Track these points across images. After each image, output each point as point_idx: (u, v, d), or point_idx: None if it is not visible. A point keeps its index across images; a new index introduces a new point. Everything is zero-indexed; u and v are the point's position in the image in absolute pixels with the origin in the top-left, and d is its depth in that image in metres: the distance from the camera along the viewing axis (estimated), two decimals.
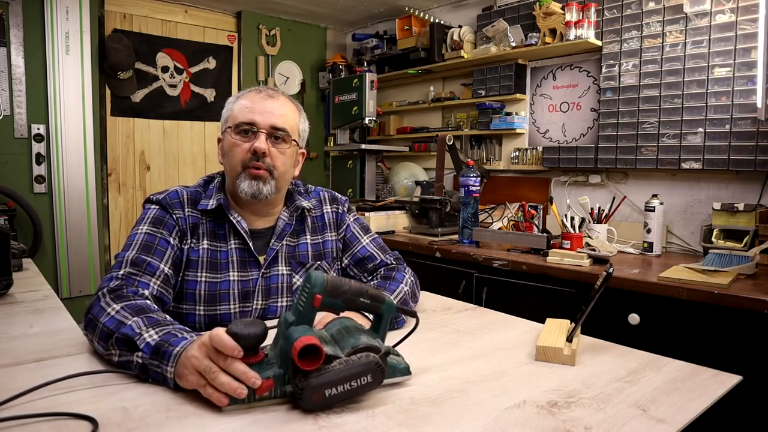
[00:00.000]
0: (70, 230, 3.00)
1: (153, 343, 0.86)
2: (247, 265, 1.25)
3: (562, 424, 0.76)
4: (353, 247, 1.39)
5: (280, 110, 1.23)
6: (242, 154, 1.20)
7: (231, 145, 1.21)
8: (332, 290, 0.83)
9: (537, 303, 2.09)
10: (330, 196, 1.42)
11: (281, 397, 0.80)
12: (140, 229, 1.17)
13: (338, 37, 4.14)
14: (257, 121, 1.20)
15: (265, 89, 1.27)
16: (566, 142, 2.77)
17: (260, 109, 1.21)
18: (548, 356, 1.01)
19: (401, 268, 1.38)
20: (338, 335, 0.86)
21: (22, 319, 1.26)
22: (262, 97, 1.23)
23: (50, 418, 0.74)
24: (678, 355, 1.06)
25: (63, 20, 2.91)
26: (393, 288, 1.27)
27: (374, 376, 0.80)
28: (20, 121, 2.85)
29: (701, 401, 0.85)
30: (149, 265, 1.11)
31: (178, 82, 3.50)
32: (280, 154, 1.22)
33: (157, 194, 1.24)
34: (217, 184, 1.29)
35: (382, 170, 3.59)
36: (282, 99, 1.26)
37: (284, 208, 1.32)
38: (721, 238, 2.10)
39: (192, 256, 1.20)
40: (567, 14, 2.52)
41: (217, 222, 1.25)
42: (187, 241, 1.20)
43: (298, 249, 1.32)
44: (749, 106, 2.08)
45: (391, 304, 0.89)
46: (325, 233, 1.37)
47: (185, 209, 1.22)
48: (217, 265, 1.22)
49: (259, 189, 1.20)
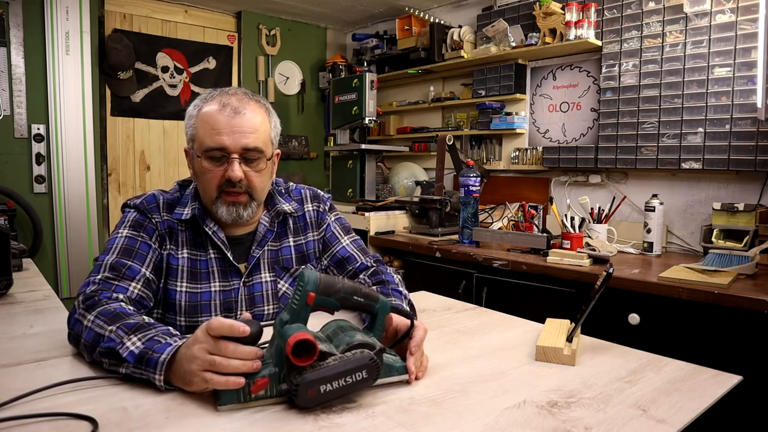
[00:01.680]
0: (70, 230, 3.00)
1: (137, 352, 0.85)
2: (228, 275, 1.21)
3: (562, 424, 0.76)
4: (333, 248, 1.33)
5: (250, 126, 1.12)
6: (216, 180, 1.13)
7: (203, 171, 1.14)
8: (325, 288, 0.83)
9: (537, 303, 2.09)
10: (312, 194, 1.36)
11: (277, 396, 0.80)
12: (120, 232, 1.15)
13: (338, 37, 4.14)
14: (227, 146, 1.10)
15: (229, 99, 1.14)
16: (566, 142, 2.77)
17: (228, 130, 1.10)
18: (548, 356, 1.01)
19: (385, 269, 1.31)
20: (333, 334, 0.86)
21: (22, 319, 1.26)
22: (228, 114, 1.11)
23: (50, 418, 0.74)
24: (678, 355, 1.06)
25: (63, 20, 2.91)
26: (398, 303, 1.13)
27: (369, 372, 0.80)
28: (20, 121, 2.85)
29: (701, 401, 0.85)
30: (129, 269, 1.09)
31: (178, 82, 3.50)
32: (257, 174, 1.15)
33: (134, 199, 1.21)
34: (192, 190, 1.23)
35: (382, 170, 3.59)
36: (249, 110, 1.13)
37: (264, 212, 1.27)
38: (721, 238, 2.10)
39: (172, 263, 1.17)
40: (567, 14, 2.52)
41: (195, 230, 1.21)
42: (166, 246, 1.18)
43: (281, 253, 1.27)
44: (749, 106, 2.08)
45: (386, 303, 0.89)
46: (307, 233, 1.32)
47: (161, 214, 1.19)
48: (198, 275, 1.19)
49: (238, 214, 1.15)
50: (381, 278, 1.26)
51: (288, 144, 3.87)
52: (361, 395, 0.84)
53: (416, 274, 2.59)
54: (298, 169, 3.93)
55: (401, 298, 1.18)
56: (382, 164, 3.65)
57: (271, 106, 1.24)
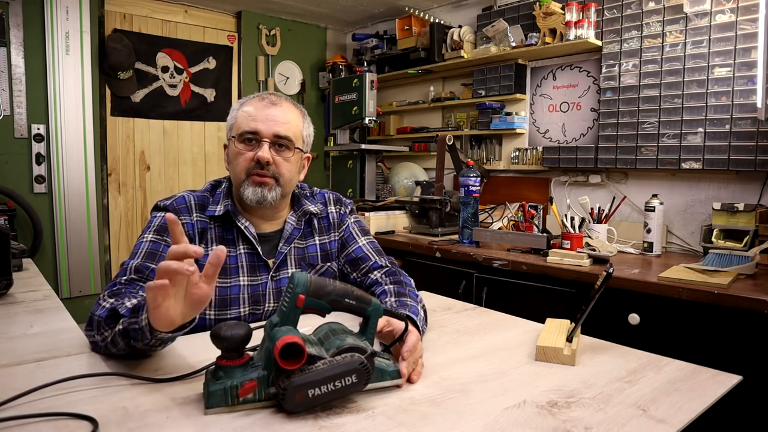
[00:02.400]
0: (70, 230, 3.01)
1: (131, 306, 0.91)
2: (256, 269, 1.25)
3: (562, 424, 0.76)
4: (349, 247, 1.38)
5: (284, 118, 1.22)
6: (246, 162, 1.20)
7: (235, 154, 1.22)
8: (316, 290, 0.82)
9: (537, 303, 2.09)
10: (335, 197, 1.43)
11: (265, 400, 0.79)
12: (146, 237, 1.18)
13: (338, 37, 4.14)
14: (260, 130, 1.19)
15: (268, 95, 1.25)
16: (566, 142, 2.77)
17: (263, 117, 1.20)
18: (548, 356, 1.01)
19: (401, 271, 1.34)
20: (324, 337, 0.85)
21: (22, 319, 1.26)
22: (265, 104, 1.22)
23: (50, 418, 0.74)
24: (678, 355, 1.07)
25: (63, 20, 2.91)
26: (413, 305, 1.15)
27: (359, 376, 0.79)
28: (20, 121, 2.86)
29: (701, 401, 0.85)
30: (153, 272, 1.11)
31: (178, 82, 3.50)
32: (285, 161, 1.22)
33: (165, 200, 1.25)
34: (224, 189, 1.29)
35: (382, 170, 3.59)
36: (285, 105, 1.25)
37: (291, 212, 1.33)
38: (721, 238, 2.10)
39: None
40: (567, 14, 2.52)
41: (226, 227, 1.25)
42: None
43: (308, 251, 1.33)
44: (749, 106, 2.08)
45: (378, 305, 0.87)
46: (331, 233, 1.38)
47: (193, 214, 1.23)
48: (227, 270, 1.22)
49: (263, 195, 1.20)
50: (399, 279, 1.28)
51: None
52: (362, 395, 0.84)
53: (416, 274, 2.56)
54: None
55: (416, 300, 1.18)
56: (382, 164, 3.65)
57: (307, 114, 1.32)
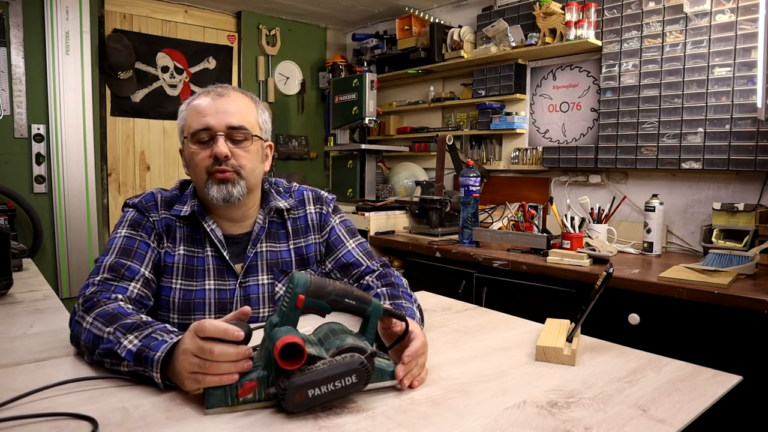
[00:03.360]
0: (70, 230, 3.00)
1: (134, 350, 0.85)
2: (224, 274, 1.20)
3: (562, 424, 0.76)
4: (337, 251, 1.30)
5: (234, 107, 1.16)
6: (204, 161, 1.15)
7: (191, 155, 1.16)
8: (316, 291, 0.81)
9: (537, 303, 2.09)
10: (314, 195, 1.34)
11: (265, 400, 0.79)
12: (119, 232, 1.16)
13: (338, 37, 4.14)
14: (212, 125, 1.13)
15: (215, 88, 1.20)
16: (566, 142, 2.77)
17: (212, 111, 1.14)
18: (548, 356, 1.01)
19: (392, 272, 1.28)
20: (324, 337, 0.85)
21: (22, 319, 1.26)
22: (212, 97, 1.17)
23: (50, 418, 0.74)
24: (678, 355, 1.06)
25: (63, 20, 2.91)
26: (409, 306, 1.13)
27: (359, 376, 0.79)
28: (20, 121, 2.85)
29: (701, 401, 0.85)
30: (128, 269, 1.10)
31: (178, 82, 3.50)
32: (244, 152, 1.16)
33: (134, 198, 1.22)
34: (191, 189, 1.24)
35: (382, 170, 3.59)
36: (234, 95, 1.19)
37: (260, 211, 1.26)
38: (721, 238, 2.10)
39: (167, 260, 1.17)
40: (567, 14, 2.52)
41: (194, 227, 1.21)
42: (163, 245, 1.18)
43: (281, 255, 1.25)
44: (749, 106, 2.08)
45: (378, 306, 0.87)
46: (308, 236, 1.30)
47: (160, 212, 1.20)
48: (194, 272, 1.18)
49: (228, 192, 1.14)
50: (390, 281, 1.24)
51: (288, 144, 3.87)
52: (361, 395, 0.84)
53: (416, 274, 2.59)
54: (298, 169, 3.93)
55: (411, 301, 1.16)
56: (382, 164, 3.65)
57: (259, 101, 1.26)
